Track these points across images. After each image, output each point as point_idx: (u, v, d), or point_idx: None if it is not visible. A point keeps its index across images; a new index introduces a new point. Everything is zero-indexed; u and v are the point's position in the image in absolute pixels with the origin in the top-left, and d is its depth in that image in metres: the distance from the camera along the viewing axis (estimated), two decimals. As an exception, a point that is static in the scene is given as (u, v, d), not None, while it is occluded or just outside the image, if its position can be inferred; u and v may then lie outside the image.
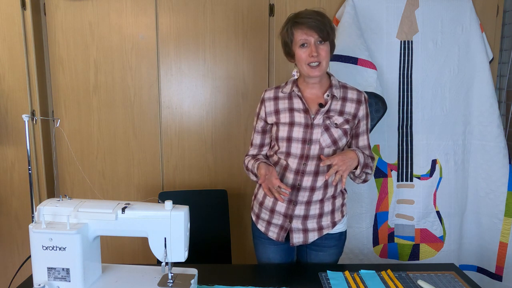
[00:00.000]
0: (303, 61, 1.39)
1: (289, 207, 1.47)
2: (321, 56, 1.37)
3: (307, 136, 1.42)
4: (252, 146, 1.58)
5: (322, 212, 1.48)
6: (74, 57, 2.12)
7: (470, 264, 2.19)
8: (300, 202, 1.46)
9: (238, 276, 1.40)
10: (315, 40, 1.37)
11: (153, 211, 1.19)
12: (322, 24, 1.35)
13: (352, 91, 1.48)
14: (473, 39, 2.04)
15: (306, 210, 1.47)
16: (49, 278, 1.16)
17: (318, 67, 1.39)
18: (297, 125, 1.43)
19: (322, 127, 1.42)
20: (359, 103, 1.46)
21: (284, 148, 1.45)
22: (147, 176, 2.23)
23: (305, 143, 1.42)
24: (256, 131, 1.56)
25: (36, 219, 1.18)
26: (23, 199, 2.17)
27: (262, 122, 1.52)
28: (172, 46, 2.13)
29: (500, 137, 2.03)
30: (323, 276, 1.38)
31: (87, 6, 2.08)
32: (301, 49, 1.39)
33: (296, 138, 1.42)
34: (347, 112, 1.45)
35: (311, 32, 1.36)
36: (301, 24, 1.36)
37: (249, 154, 1.58)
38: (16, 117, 2.10)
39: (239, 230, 2.24)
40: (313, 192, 1.45)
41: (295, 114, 1.44)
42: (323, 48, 1.38)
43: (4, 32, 2.02)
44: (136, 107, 2.17)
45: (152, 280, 1.24)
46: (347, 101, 1.46)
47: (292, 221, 1.48)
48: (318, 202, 1.47)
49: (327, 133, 1.42)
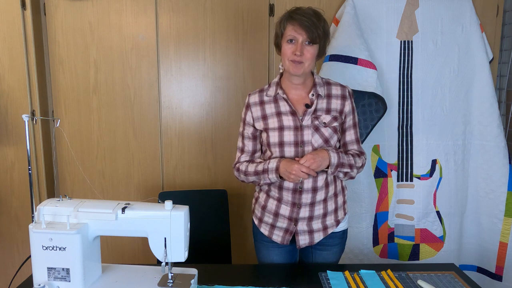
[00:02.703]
0: (287, 56, 1.38)
1: (293, 210, 1.46)
2: (305, 56, 1.36)
3: (298, 138, 1.41)
4: (243, 153, 1.53)
5: (326, 211, 1.48)
6: (74, 57, 2.12)
7: (470, 264, 2.19)
8: (304, 204, 1.45)
9: (238, 276, 1.40)
10: (303, 39, 1.36)
11: (153, 211, 1.19)
12: (314, 26, 1.34)
13: (336, 87, 1.47)
14: (473, 39, 2.04)
15: (310, 211, 1.46)
16: (49, 278, 1.16)
17: (300, 65, 1.37)
18: (286, 128, 1.42)
19: (312, 127, 1.41)
20: (344, 98, 1.46)
21: (277, 153, 1.43)
22: (147, 176, 2.23)
23: (298, 145, 1.41)
24: (245, 137, 1.51)
25: (36, 219, 1.18)
26: (23, 199, 2.17)
27: (251, 128, 1.49)
28: (172, 46, 2.13)
29: (500, 137, 2.03)
30: (323, 276, 1.38)
31: (87, 6, 2.08)
32: (288, 44, 1.38)
33: (288, 142, 1.41)
34: (333, 109, 1.44)
35: (301, 30, 1.35)
36: (294, 20, 1.36)
37: (241, 161, 1.53)
38: (16, 117, 2.10)
39: (239, 230, 2.24)
40: (315, 193, 1.44)
41: (283, 117, 1.43)
42: (309, 50, 1.37)
43: (4, 32, 2.02)
44: (136, 107, 2.17)
45: (152, 280, 1.24)
46: (332, 98, 1.45)
47: (298, 224, 1.48)
48: (322, 202, 1.47)
49: (318, 133, 1.41)
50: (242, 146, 1.53)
